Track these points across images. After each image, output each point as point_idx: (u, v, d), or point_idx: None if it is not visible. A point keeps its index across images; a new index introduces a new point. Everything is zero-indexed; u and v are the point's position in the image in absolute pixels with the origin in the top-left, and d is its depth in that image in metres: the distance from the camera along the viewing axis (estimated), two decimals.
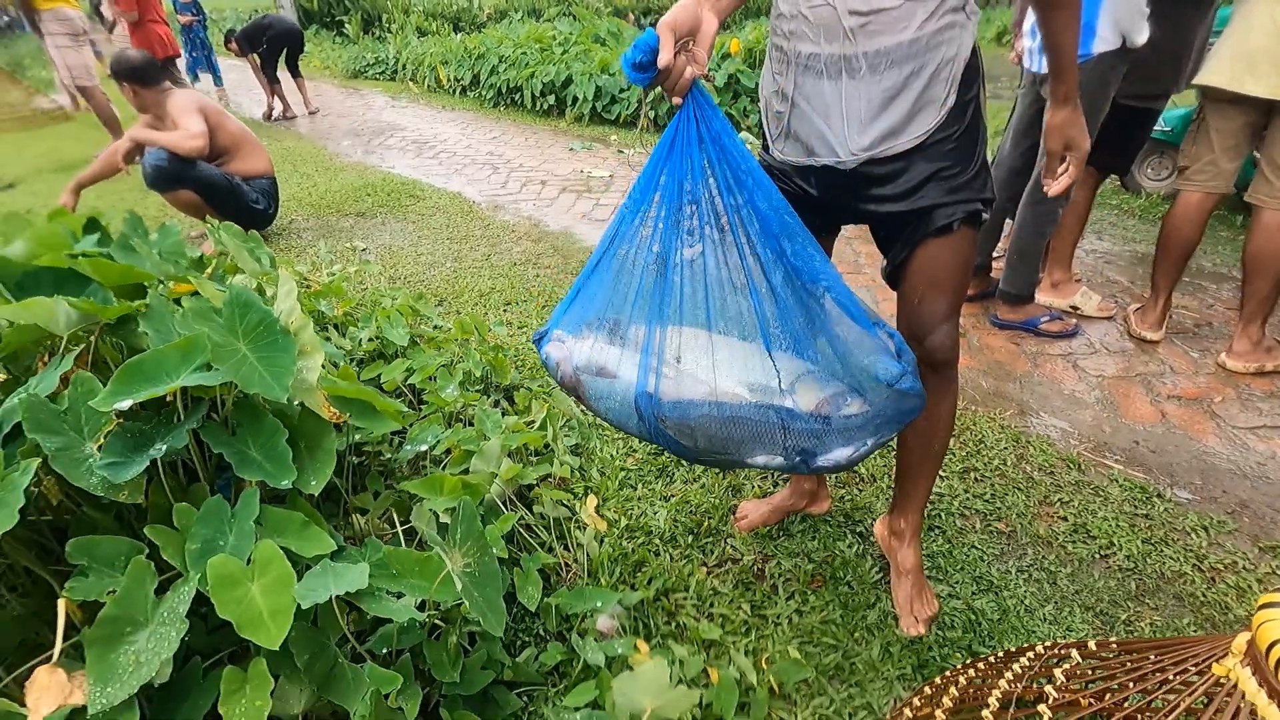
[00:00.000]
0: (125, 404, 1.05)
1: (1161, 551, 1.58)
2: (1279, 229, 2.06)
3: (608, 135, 6.02)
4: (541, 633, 1.34)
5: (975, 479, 1.81)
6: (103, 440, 1.09)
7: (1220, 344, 2.45)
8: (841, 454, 1.09)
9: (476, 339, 2.21)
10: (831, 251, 1.41)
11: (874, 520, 1.65)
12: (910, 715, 1.05)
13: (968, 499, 1.74)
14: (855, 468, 1.82)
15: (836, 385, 1.10)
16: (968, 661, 1.12)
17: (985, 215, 1.19)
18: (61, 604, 0.96)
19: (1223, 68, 2.04)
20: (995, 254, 2.87)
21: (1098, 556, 1.57)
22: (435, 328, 2.43)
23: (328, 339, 2.04)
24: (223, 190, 3.26)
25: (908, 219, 1.18)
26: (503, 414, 1.90)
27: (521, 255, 3.38)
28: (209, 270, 1.67)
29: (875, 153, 1.13)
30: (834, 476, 1.80)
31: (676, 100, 1.06)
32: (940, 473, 1.82)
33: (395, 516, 1.47)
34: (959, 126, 1.14)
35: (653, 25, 1.03)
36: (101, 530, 1.15)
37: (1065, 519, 1.68)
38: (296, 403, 1.29)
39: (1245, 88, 2.00)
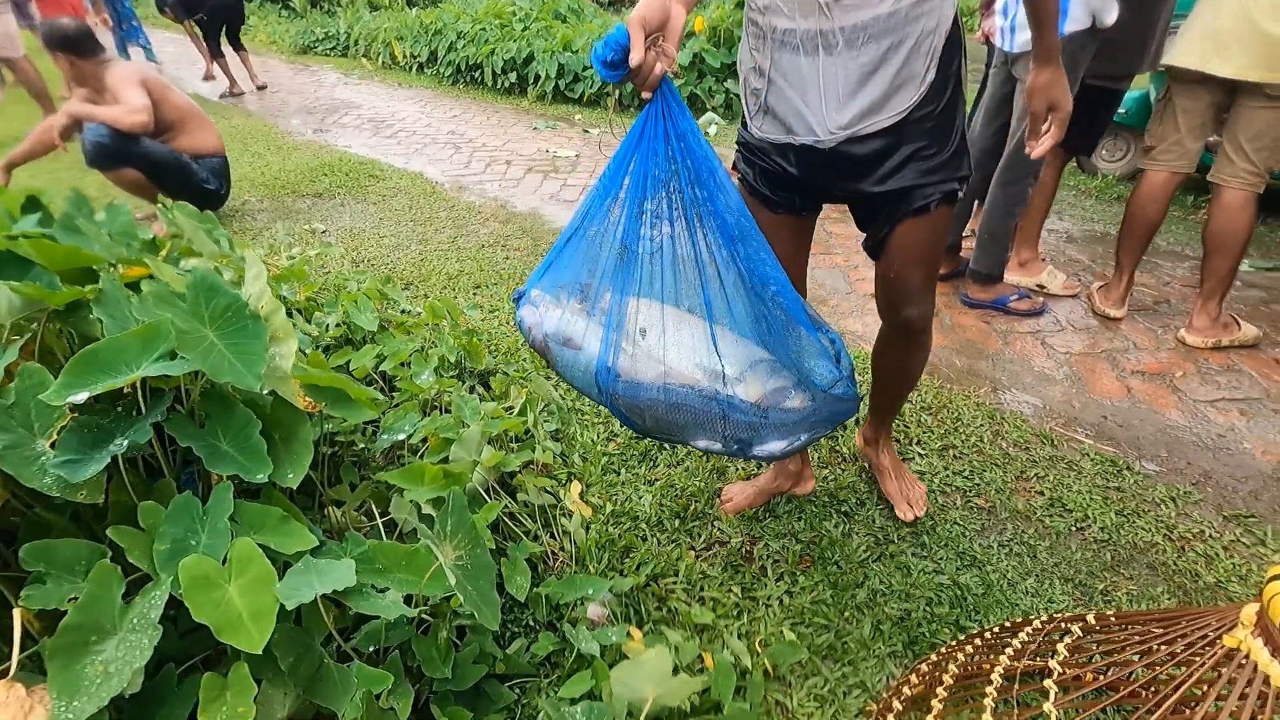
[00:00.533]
0: (81, 397, 0.97)
1: (1134, 523, 1.62)
2: (1240, 208, 2.12)
3: (572, 114, 5.91)
4: (531, 623, 1.31)
5: (954, 456, 1.83)
6: (56, 437, 1.01)
7: (1178, 320, 2.53)
8: (776, 446, 1.16)
9: (449, 323, 2.14)
10: (813, 230, 1.40)
11: (858, 500, 1.66)
12: (909, 694, 1.06)
13: (947, 476, 1.76)
14: (838, 449, 1.82)
15: (783, 378, 1.15)
16: (961, 639, 1.12)
17: (961, 193, 1.19)
18: (17, 614, 0.89)
19: (1191, 49, 2.08)
20: (965, 234, 2.90)
21: (1074, 529, 1.61)
22: (404, 312, 2.35)
23: (293, 325, 1.95)
24: (170, 169, 3.09)
25: (886, 199, 1.18)
26: (479, 400, 1.84)
27: (489, 237, 3.30)
28: (163, 253, 1.57)
29: (854, 131, 1.13)
30: (816, 457, 1.80)
31: (646, 95, 1.05)
32: (920, 450, 1.84)
33: (373, 509, 1.41)
34: (939, 103, 1.13)
35: (622, 21, 1.02)
36: (56, 533, 1.08)
37: (1042, 493, 1.71)
38: (267, 392, 1.23)
39: (1212, 68, 2.05)
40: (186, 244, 1.73)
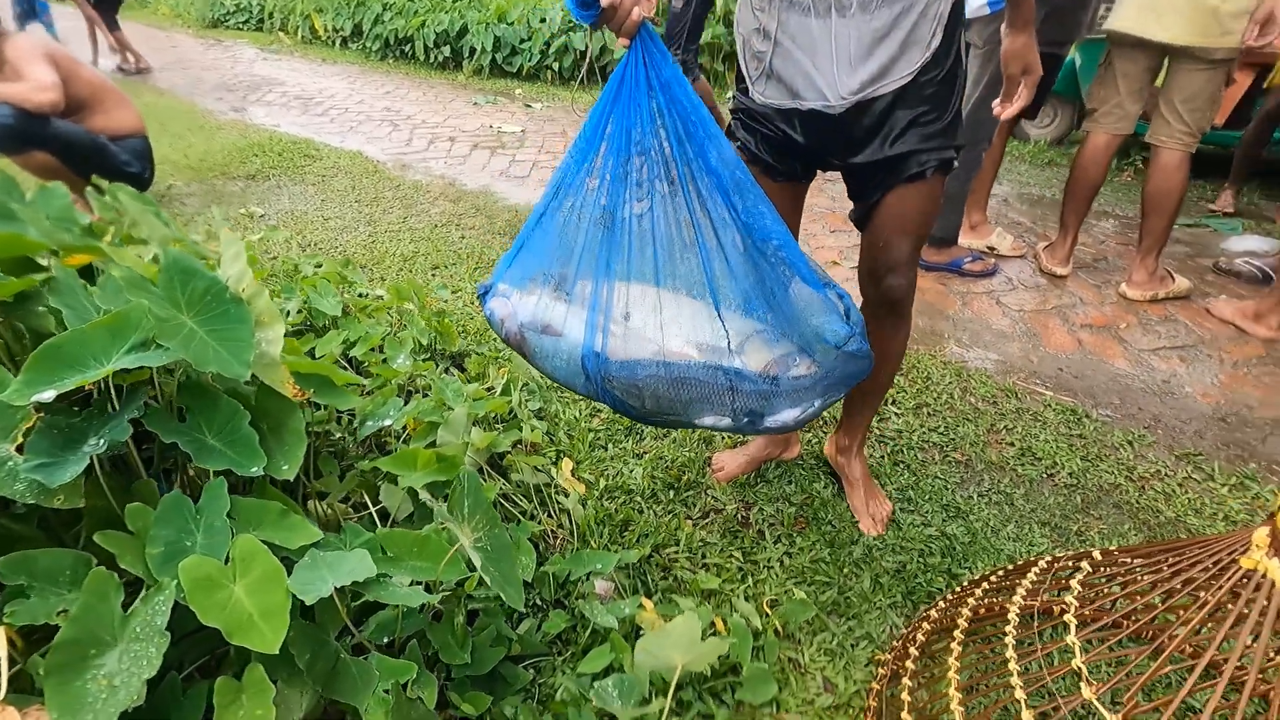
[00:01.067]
0: (48, 395, 0.89)
1: (1097, 467, 1.72)
2: (1176, 168, 2.25)
3: (512, 89, 5.75)
4: (539, 602, 1.29)
5: (928, 414, 1.89)
6: (21, 439, 0.93)
7: (1117, 275, 2.68)
8: (789, 415, 1.09)
9: (415, 305, 2.06)
10: (804, 199, 1.40)
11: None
12: (922, 639, 1.09)
13: (924, 433, 1.81)
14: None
15: (786, 345, 1.09)
16: (968, 584, 1.17)
17: (956, 162, 1.21)
18: (2, 632, 0.81)
19: (1130, 14, 2.18)
20: None
21: (1045, 476, 1.69)
22: (361, 295, 2.25)
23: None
24: (86, 151, 2.84)
25: (883, 165, 1.18)
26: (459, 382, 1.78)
27: (441, 216, 3.19)
28: (106, 239, 1.45)
29: (864, 94, 1.12)
30: None
31: (623, 42, 1.00)
32: (895, 410, 1.90)
33: (361, 499, 1.36)
34: (942, 69, 1.14)
35: None
36: (22, 544, 0.99)
37: (1012, 444, 1.79)
38: (244, 380, 1.16)
39: (1149, 33, 2.14)
40: (129, 229, 1.60)
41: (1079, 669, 0.80)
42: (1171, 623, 0.77)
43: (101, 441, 0.93)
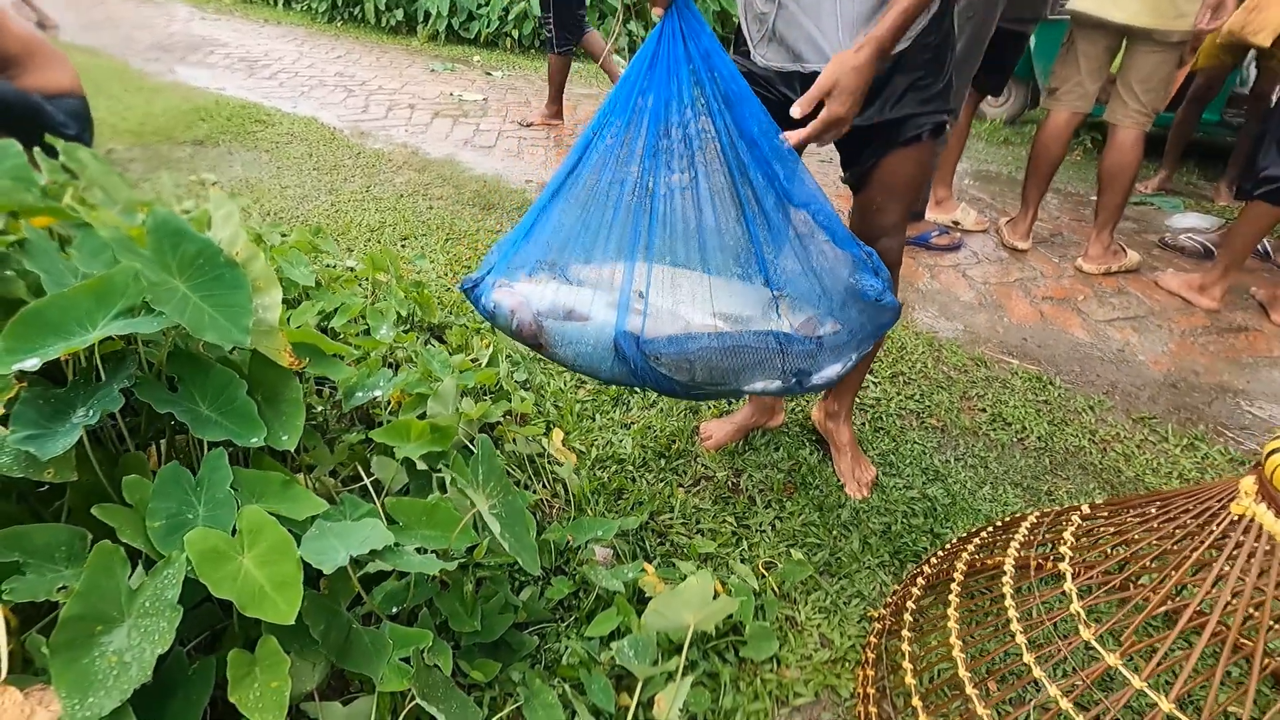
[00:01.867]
0: (32, 363, 0.84)
1: (1063, 431, 1.80)
2: (1131, 146, 2.34)
3: (470, 55, 5.59)
4: (540, 569, 1.29)
5: (904, 382, 1.95)
6: (2, 410, 0.87)
7: (1073, 250, 2.79)
8: (832, 371, 1.14)
9: (391, 276, 2.01)
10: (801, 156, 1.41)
11: None
12: (918, 594, 1.14)
13: (901, 400, 1.87)
14: None
15: (816, 306, 1.12)
16: (958, 540, 1.22)
17: (949, 126, 1.24)
18: (0, 611, 0.77)
19: None
20: None
21: (1015, 440, 1.77)
22: (329, 266, 2.18)
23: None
24: (18, 111, 2.64)
25: (880, 128, 1.20)
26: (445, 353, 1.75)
27: (406, 186, 3.09)
28: (65, 200, 1.36)
29: None
30: None
31: (658, 11, 0.99)
32: (872, 379, 1.95)
33: (353, 471, 1.33)
34: (937, 34, 1.16)
35: None
36: (5, 521, 0.94)
37: (984, 410, 1.86)
38: (229, 349, 1.11)
39: (1108, 14, 2.22)
40: (84, 191, 1.51)
41: (1077, 613, 0.85)
42: (1164, 566, 0.82)
43: (91, 412, 0.88)
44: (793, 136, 1.05)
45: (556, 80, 3.86)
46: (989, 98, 4.62)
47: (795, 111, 1.05)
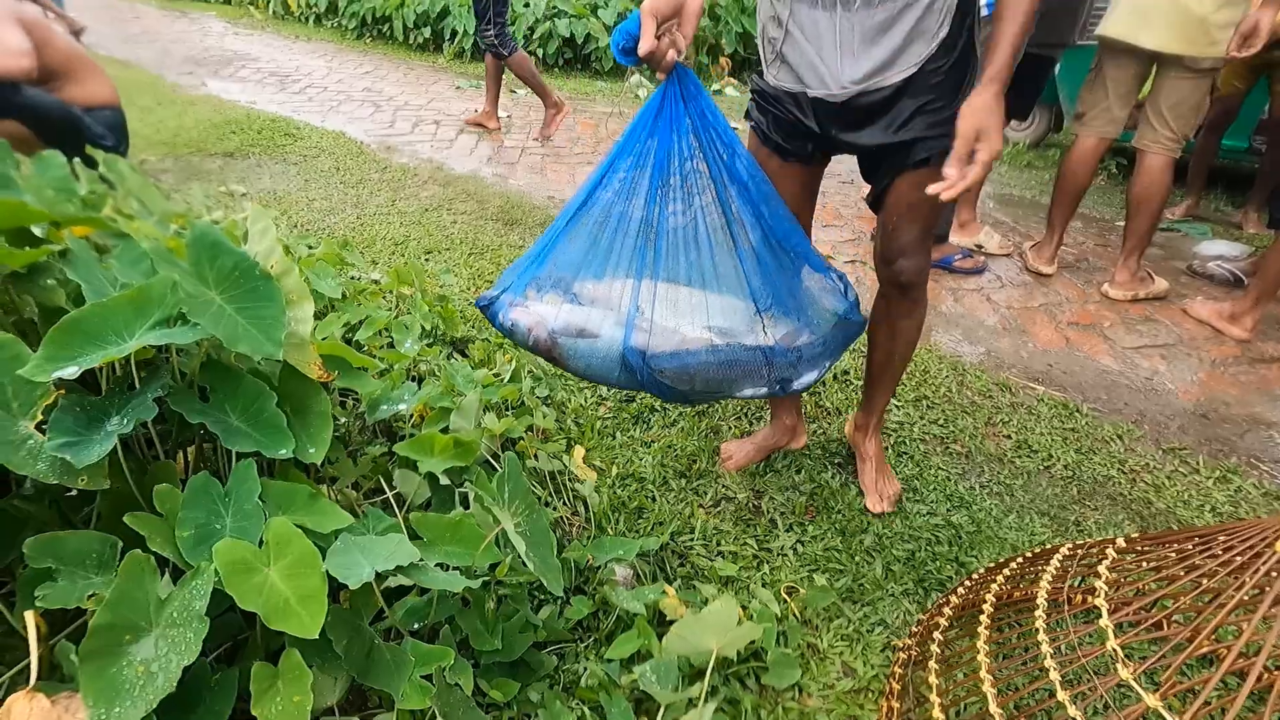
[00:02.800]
0: (71, 371, 0.85)
1: (1091, 460, 1.77)
2: (1160, 171, 2.32)
3: None
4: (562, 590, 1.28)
5: (928, 406, 1.93)
6: (40, 417, 0.89)
7: (1099, 275, 2.76)
8: (810, 377, 1.31)
9: (417, 289, 2.02)
10: (820, 181, 1.42)
11: (848, 452, 1.72)
12: (945, 625, 1.12)
13: (925, 425, 1.85)
14: (822, 404, 1.88)
15: (794, 321, 1.29)
16: (986, 570, 1.20)
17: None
18: (31, 617, 0.78)
19: (1120, 21, 2.24)
20: None
21: (1042, 468, 1.74)
22: (354, 278, 2.21)
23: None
24: (59, 122, 2.71)
25: (892, 150, 1.21)
26: (468, 367, 1.76)
27: (431, 200, 3.13)
28: (105, 211, 1.39)
29: (865, 86, 1.16)
30: (807, 413, 1.84)
31: (660, 76, 1.12)
32: (896, 402, 1.93)
33: (376, 484, 1.33)
34: (949, 58, 1.16)
35: (639, 7, 1.07)
36: (33, 526, 0.95)
37: (1009, 437, 1.84)
38: (258, 360, 1.12)
39: (1138, 40, 2.21)
40: (123, 202, 1.54)
41: (1113, 651, 0.83)
42: (1205, 605, 0.80)
43: (126, 421, 0.89)
44: (953, 190, 1.08)
45: (493, 84, 4.14)
46: (1014, 122, 4.62)
47: (949, 172, 1.08)
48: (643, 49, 1.04)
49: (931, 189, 1.09)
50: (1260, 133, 3.47)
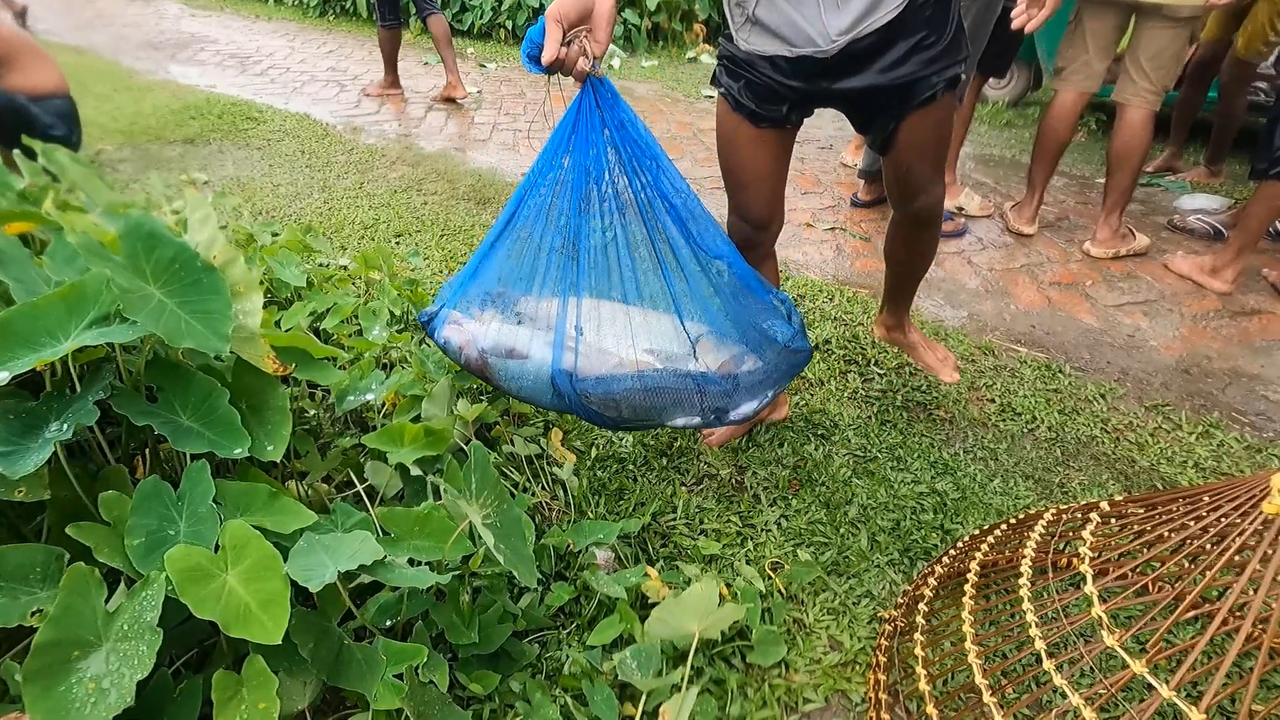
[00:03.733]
0: (1, 377, 0.80)
1: (1074, 420, 1.76)
2: (1141, 126, 2.29)
3: (464, 48, 5.52)
4: (539, 575, 1.25)
5: (910, 373, 1.90)
6: None
7: (1079, 234, 2.73)
8: (749, 407, 1.24)
9: (384, 274, 1.96)
10: (793, 145, 1.37)
11: (831, 422, 1.70)
12: (930, 595, 1.10)
13: (908, 392, 1.83)
14: (804, 374, 1.85)
15: (736, 346, 1.23)
16: (973, 537, 1.18)
17: (964, 75, 1.20)
18: None
19: None
20: None
21: (1025, 431, 1.73)
22: (323, 265, 2.14)
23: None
24: (4, 112, 2.60)
25: (890, 94, 1.16)
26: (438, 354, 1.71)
27: (400, 182, 3.05)
28: (46, 204, 1.32)
29: (855, 33, 1.10)
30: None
31: (576, 84, 1.07)
32: (879, 370, 1.91)
33: (346, 478, 1.30)
34: None
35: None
36: None
37: (993, 400, 1.82)
38: (213, 357, 1.07)
39: None
40: (67, 194, 1.47)
41: (1099, 618, 0.81)
42: (1193, 568, 0.78)
43: (65, 426, 0.85)
44: (1036, 20, 1.40)
45: (386, 52, 4.09)
46: (991, 80, 4.56)
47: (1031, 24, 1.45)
48: (545, 57, 0.97)
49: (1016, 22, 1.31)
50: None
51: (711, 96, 4.53)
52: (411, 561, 0.98)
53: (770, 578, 1.28)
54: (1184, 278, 2.41)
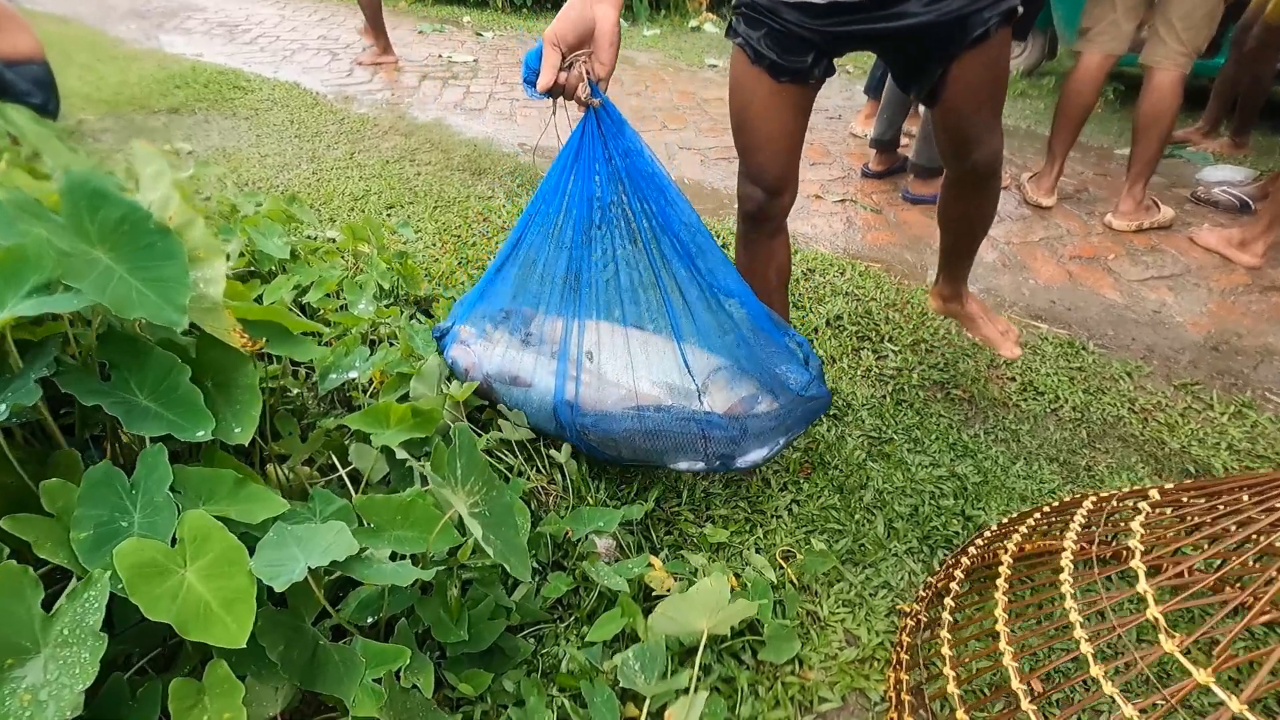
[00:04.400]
0: None
1: (1100, 400, 1.67)
2: (1170, 89, 2.17)
3: (459, 16, 5.35)
4: (536, 565, 1.18)
5: (926, 350, 1.81)
6: None
7: (1099, 206, 2.62)
8: (757, 455, 1.19)
9: (373, 246, 1.86)
10: (813, 104, 1.27)
11: (844, 402, 1.61)
12: (957, 589, 1.02)
13: (924, 370, 1.74)
14: (818, 353, 1.76)
15: (749, 385, 1.18)
16: (1000, 528, 1.10)
17: (1020, 9, 1.09)
18: None
19: None
20: (904, 130, 2.84)
21: (1048, 411, 1.64)
22: (311, 237, 2.04)
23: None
24: None
25: (937, 31, 1.05)
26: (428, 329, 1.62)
27: (393, 151, 2.93)
28: (1, 166, 1.22)
29: None
30: None
31: (580, 108, 1.01)
32: (893, 347, 1.81)
33: (328, 460, 1.21)
34: None
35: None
36: None
37: (1013, 379, 1.73)
38: (181, 329, 0.98)
39: None
40: (26, 157, 1.36)
41: (1155, 619, 0.73)
42: (1255, 567, 0.70)
43: (3, 407, 0.76)
44: None
45: (370, 15, 3.97)
46: (1018, 40, 4.40)
47: None
48: (541, 83, 0.91)
49: None
50: None
51: (715, 65, 4.38)
52: (395, 555, 0.90)
53: (782, 567, 1.20)
54: (1211, 251, 2.31)
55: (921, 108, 2.44)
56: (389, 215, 2.41)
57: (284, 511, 0.85)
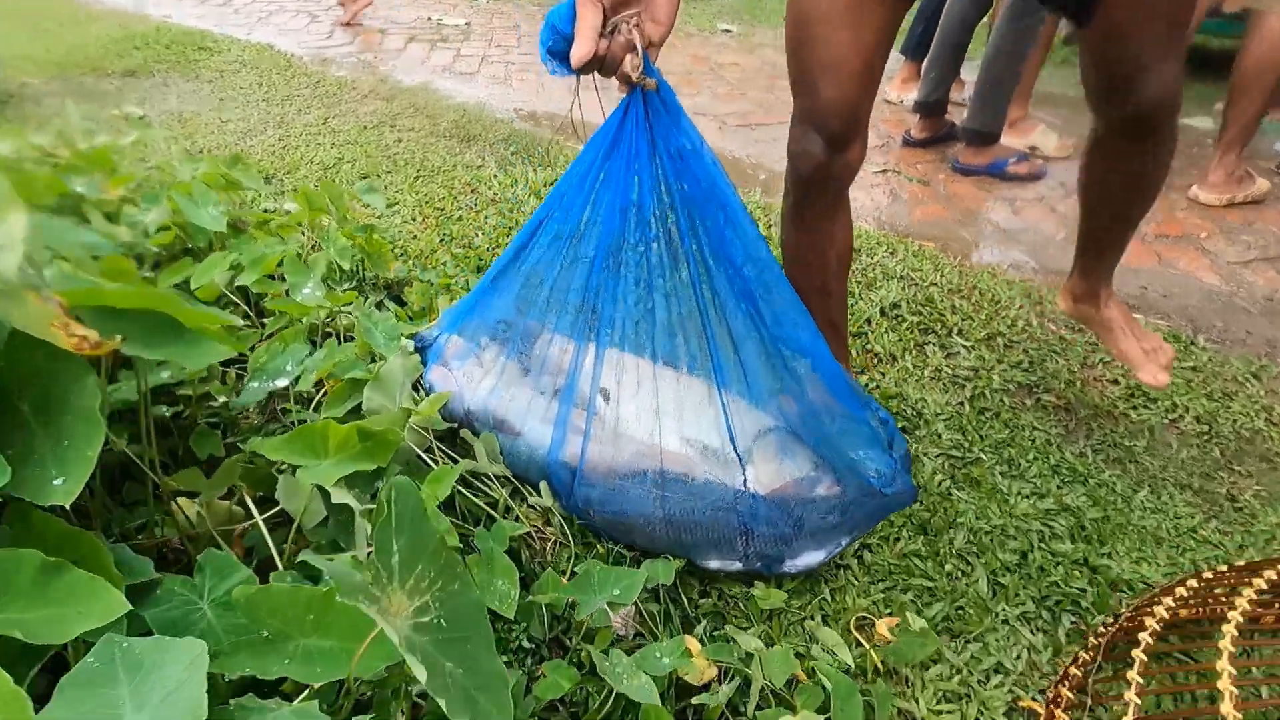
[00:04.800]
0: None
1: (1228, 408, 1.36)
2: None
3: None
4: (526, 643, 0.87)
5: (1005, 345, 1.50)
6: None
7: (1178, 178, 2.29)
8: (812, 558, 0.93)
9: (334, 218, 1.54)
10: (900, 22, 0.95)
11: (914, 410, 1.30)
12: (1134, 697, 0.71)
13: (1005, 370, 1.42)
14: (870, 348, 1.44)
15: (805, 457, 0.92)
16: (1149, 595, 0.79)
17: None
18: None
19: None
20: (951, 96, 2.50)
21: (1166, 422, 1.33)
22: (267, 210, 1.72)
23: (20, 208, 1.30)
24: None
25: None
26: (395, 319, 1.30)
27: (371, 117, 2.60)
28: None
29: None
30: (854, 359, 1.41)
31: (622, 89, 0.76)
32: (963, 341, 1.50)
33: (250, 495, 0.90)
34: None
35: None
36: None
37: (1115, 381, 1.42)
38: None
39: None
40: None
41: None
42: None
43: None
44: None
45: None
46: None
47: None
48: (577, 54, 0.65)
49: None
50: None
51: (730, 30, 4.03)
52: (294, 690, 0.58)
53: (860, 644, 0.89)
54: None
55: (985, 58, 2.11)
56: (365, 185, 2.08)
57: (124, 611, 0.54)
